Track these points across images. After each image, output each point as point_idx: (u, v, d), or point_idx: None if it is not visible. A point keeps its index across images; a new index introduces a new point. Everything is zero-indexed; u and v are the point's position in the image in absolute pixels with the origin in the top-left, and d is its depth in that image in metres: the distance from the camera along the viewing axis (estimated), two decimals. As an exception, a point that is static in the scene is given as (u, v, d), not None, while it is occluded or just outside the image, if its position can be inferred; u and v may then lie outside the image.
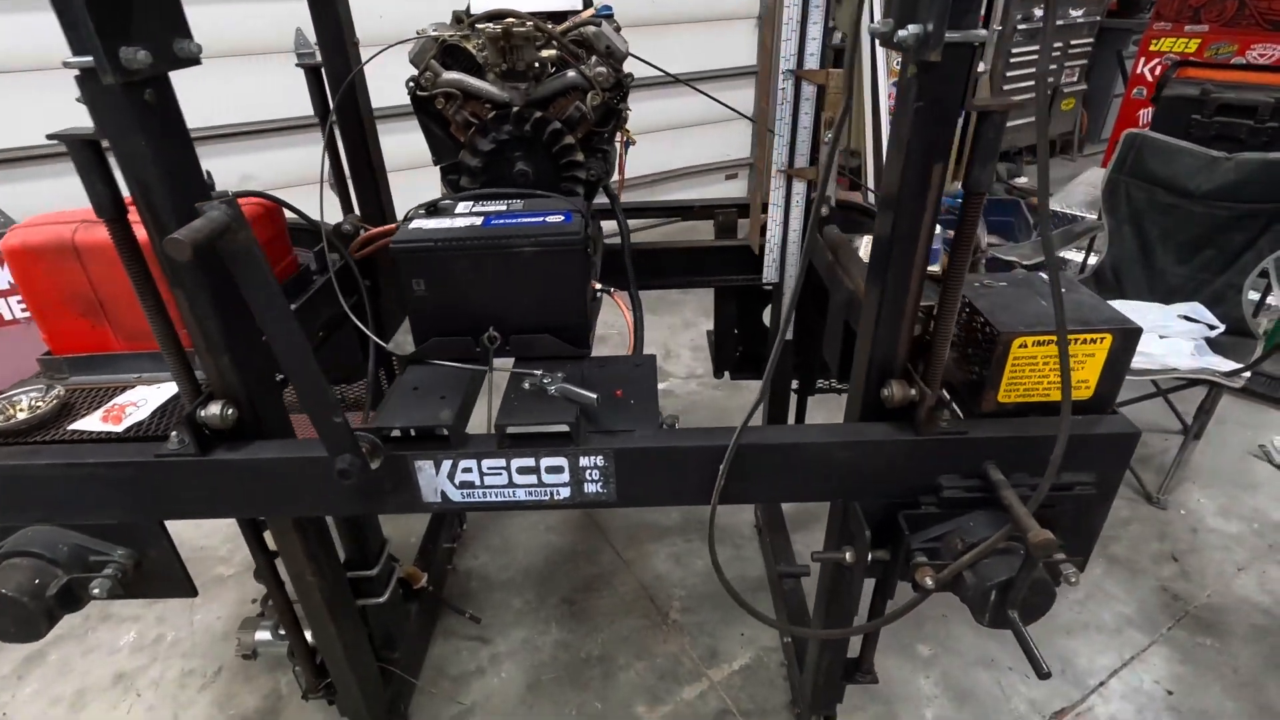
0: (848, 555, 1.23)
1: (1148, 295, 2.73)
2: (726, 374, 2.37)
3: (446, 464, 1.15)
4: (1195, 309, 2.55)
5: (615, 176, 1.88)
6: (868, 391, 1.18)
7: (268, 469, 1.15)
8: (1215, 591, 2.19)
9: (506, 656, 2.05)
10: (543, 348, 1.28)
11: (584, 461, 1.16)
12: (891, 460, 1.16)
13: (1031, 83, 5.73)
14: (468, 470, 1.16)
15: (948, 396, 1.19)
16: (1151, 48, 4.42)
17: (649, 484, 1.19)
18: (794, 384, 2.29)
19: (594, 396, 1.14)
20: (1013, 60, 5.51)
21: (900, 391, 1.13)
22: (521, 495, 1.19)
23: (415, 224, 1.25)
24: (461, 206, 1.33)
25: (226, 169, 3.59)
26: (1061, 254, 3.17)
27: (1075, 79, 6.11)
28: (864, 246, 1.79)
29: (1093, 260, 2.98)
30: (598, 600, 2.22)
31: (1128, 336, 1.13)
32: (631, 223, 1.84)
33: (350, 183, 1.76)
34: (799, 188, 1.76)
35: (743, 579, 2.28)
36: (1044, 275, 1.32)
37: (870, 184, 5.25)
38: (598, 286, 1.59)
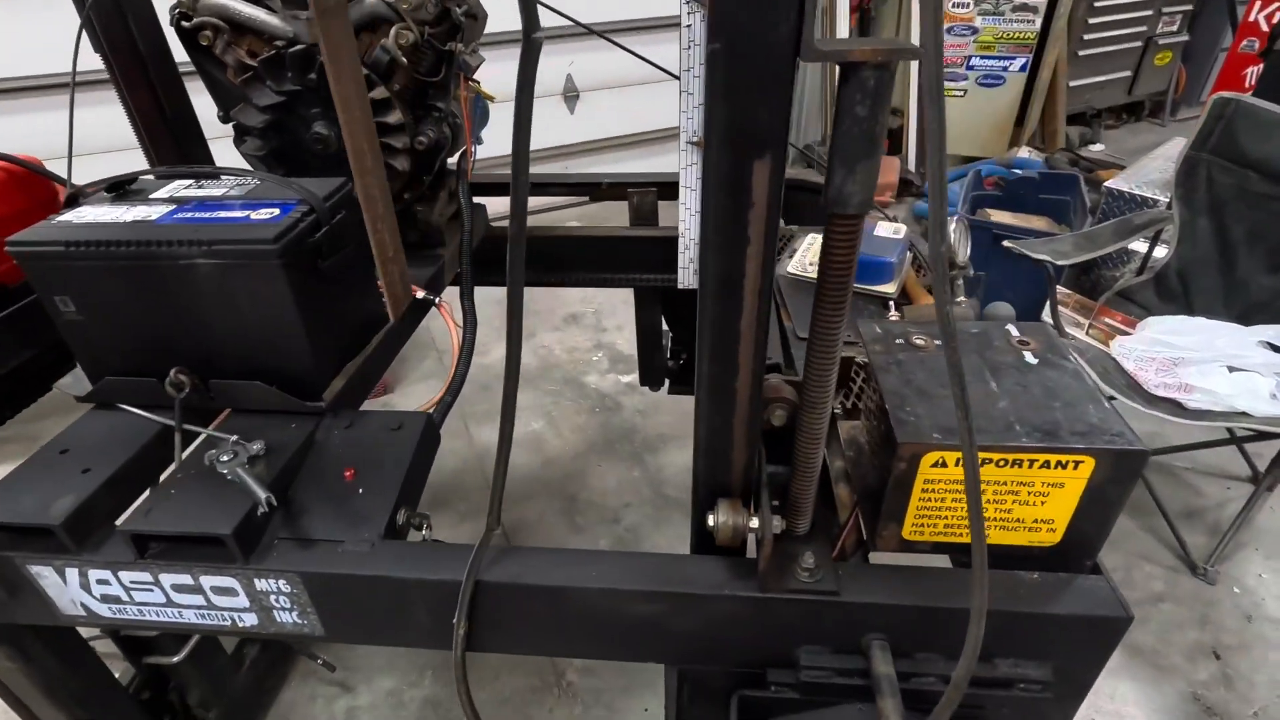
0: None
1: (1221, 311, 2.15)
2: (664, 389, 1.96)
3: (72, 573, 0.80)
4: (1284, 334, 1.97)
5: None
6: (697, 512, 0.76)
7: None
8: (1265, 708, 1.70)
9: (366, 711, 1.74)
10: (255, 399, 0.89)
11: (261, 585, 0.78)
12: (719, 621, 0.74)
13: (1125, 35, 4.88)
14: (104, 583, 0.80)
15: (806, 526, 0.76)
16: (1272, -12, 3.60)
17: (366, 620, 0.81)
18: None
19: (263, 495, 0.75)
20: (1099, 4, 4.67)
21: (730, 520, 0.71)
22: (191, 617, 0.83)
23: (68, 215, 0.86)
24: (166, 189, 0.94)
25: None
26: (1121, 244, 2.56)
27: (1175, 28, 5.19)
28: (804, 249, 1.33)
29: (1160, 253, 2.38)
30: (487, 647, 1.88)
31: (1123, 463, 0.66)
32: (533, 204, 1.41)
33: (148, 141, 1.39)
34: (720, 166, 1.29)
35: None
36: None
37: (912, 159, 4.59)
38: (419, 294, 1.19)
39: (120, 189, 0.92)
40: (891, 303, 1.02)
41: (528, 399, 2.80)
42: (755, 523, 0.71)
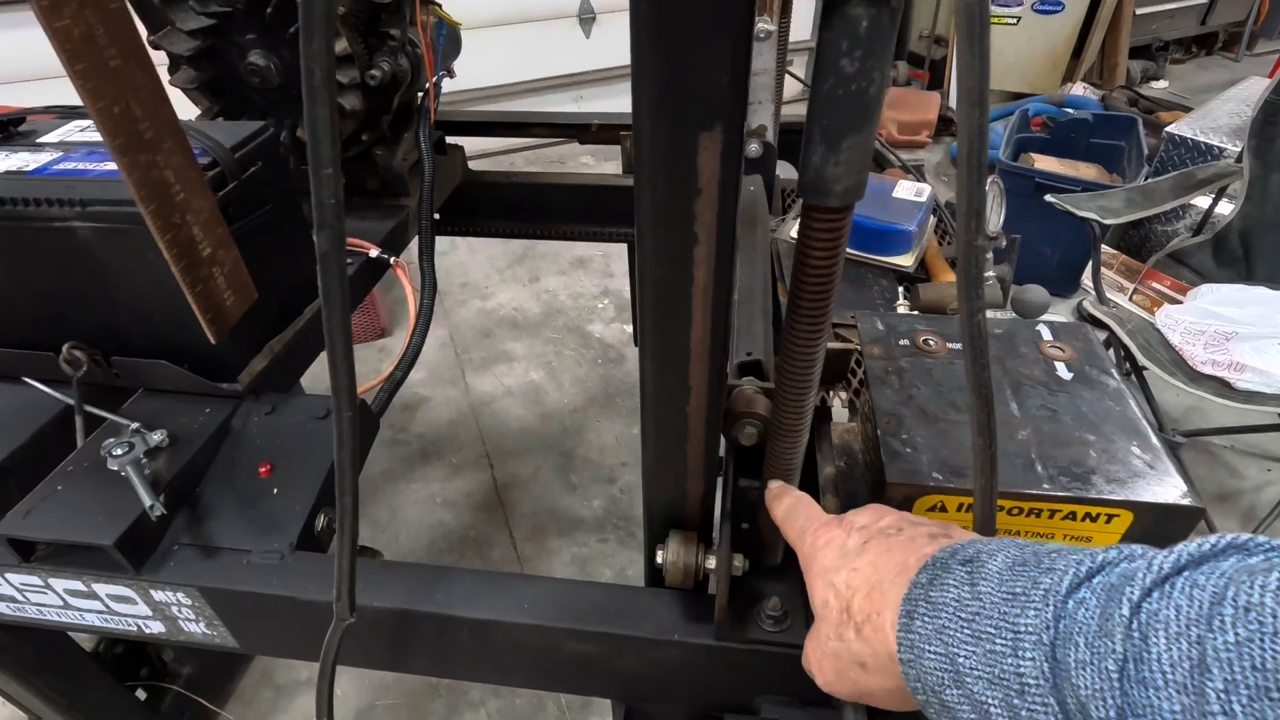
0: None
1: (1287, 279, 1.94)
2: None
3: (-43, 571, 0.72)
4: (1356, 310, 1.76)
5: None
6: (649, 543, 0.65)
7: None
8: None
9: (345, 669, 1.72)
10: (161, 379, 0.79)
11: (159, 596, 0.70)
12: (669, 665, 0.64)
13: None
14: (-8, 583, 0.73)
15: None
16: (1385, -98, 3.14)
17: (280, 636, 0.73)
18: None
19: (149, 501, 0.66)
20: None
21: (680, 557, 0.60)
22: (94, 620, 0.75)
23: (-62, 163, 0.74)
24: (59, 131, 0.81)
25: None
26: (1182, 200, 2.31)
27: (1263, -52, 4.65)
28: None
29: (1225, 209, 2.13)
30: (472, 607, 1.84)
31: (1169, 519, 0.53)
32: (507, 144, 1.27)
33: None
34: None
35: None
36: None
37: (953, 94, 4.22)
38: (373, 252, 1.07)
39: (5, 130, 0.79)
40: (903, 287, 0.86)
41: (528, 347, 2.70)
42: (713, 562, 0.59)
